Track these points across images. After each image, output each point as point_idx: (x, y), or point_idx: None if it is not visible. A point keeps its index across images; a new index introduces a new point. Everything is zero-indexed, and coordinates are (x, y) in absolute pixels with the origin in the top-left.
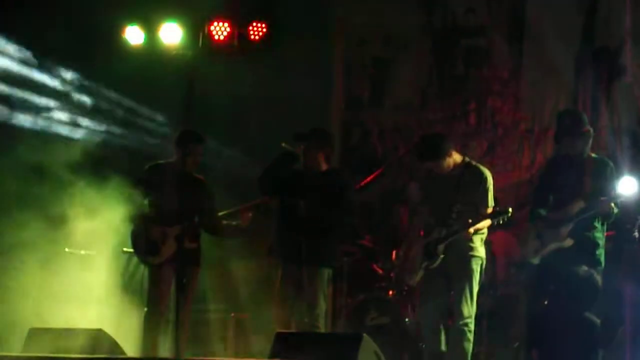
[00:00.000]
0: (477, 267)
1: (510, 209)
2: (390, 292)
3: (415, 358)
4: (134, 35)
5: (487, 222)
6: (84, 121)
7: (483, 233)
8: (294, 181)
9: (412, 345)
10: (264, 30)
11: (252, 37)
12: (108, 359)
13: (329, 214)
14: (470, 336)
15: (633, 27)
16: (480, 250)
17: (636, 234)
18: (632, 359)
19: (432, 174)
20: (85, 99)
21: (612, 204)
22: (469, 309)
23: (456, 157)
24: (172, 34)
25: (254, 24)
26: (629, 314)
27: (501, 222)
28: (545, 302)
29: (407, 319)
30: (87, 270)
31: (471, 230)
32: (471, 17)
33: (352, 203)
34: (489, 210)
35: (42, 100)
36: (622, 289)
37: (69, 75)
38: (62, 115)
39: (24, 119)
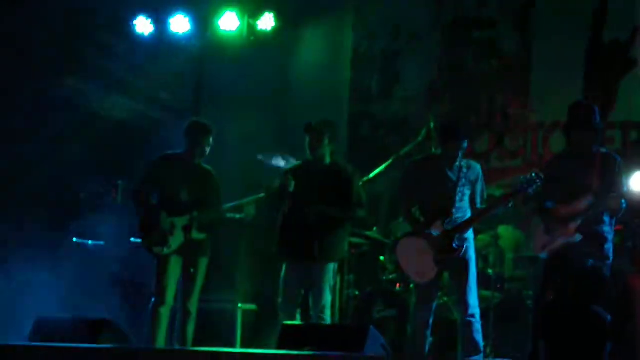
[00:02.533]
0: (474, 256)
1: (541, 174)
2: (398, 285)
3: None
4: (143, 25)
5: None
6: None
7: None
8: (300, 179)
9: None
10: (273, 21)
11: (261, 27)
12: (116, 348)
13: (339, 211)
14: (479, 327)
15: None
16: (472, 240)
17: None
18: None
19: (432, 165)
20: None
21: (621, 200)
22: (475, 299)
23: None
24: (181, 24)
25: (263, 14)
26: (638, 310)
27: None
28: (553, 296)
29: None
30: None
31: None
32: (481, 10)
33: (361, 195)
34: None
35: None
36: (631, 283)
37: None
38: None
39: None
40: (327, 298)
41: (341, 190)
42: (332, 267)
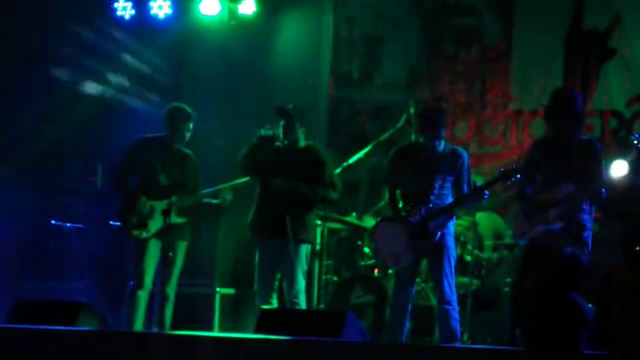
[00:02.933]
0: (452, 244)
1: (520, 167)
2: (376, 270)
3: None
4: (124, 9)
5: None
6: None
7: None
8: (273, 159)
9: None
10: (254, 5)
11: (242, 12)
12: (94, 331)
13: (309, 188)
14: (456, 314)
15: (622, 9)
16: (452, 227)
17: None
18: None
19: (412, 151)
20: None
21: (601, 187)
22: (452, 287)
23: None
24: (162, 8)
25: None
26: (617, 299)
27: (513, 179)
28: (530, 284)
29: None
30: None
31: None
32: None
33: (334, 177)
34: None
35: None
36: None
37: None
38: None
39: None
40: (301, 283)
41: (315, 172)
42: (304, 249)
